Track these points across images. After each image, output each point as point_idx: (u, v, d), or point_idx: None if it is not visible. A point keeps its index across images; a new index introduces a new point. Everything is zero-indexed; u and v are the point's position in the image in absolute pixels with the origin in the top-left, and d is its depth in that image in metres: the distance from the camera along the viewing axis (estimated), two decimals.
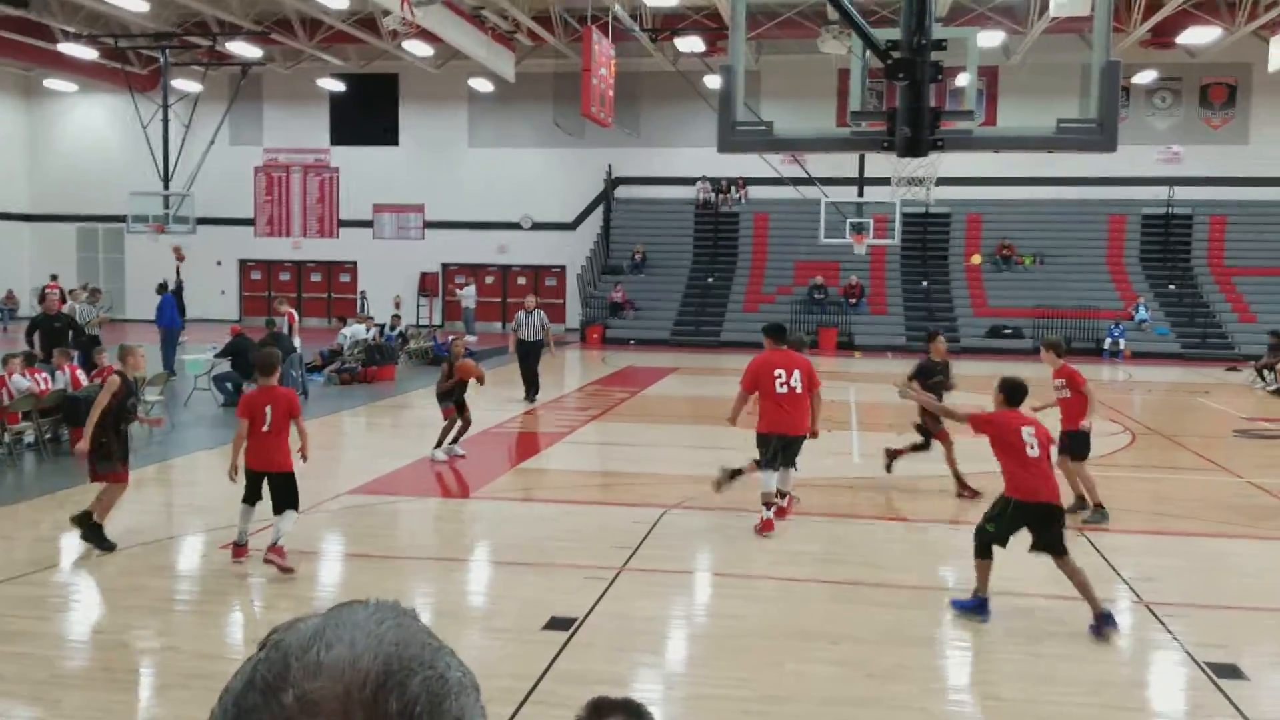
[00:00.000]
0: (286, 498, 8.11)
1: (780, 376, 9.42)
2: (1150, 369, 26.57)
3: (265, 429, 8.04)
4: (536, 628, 6.82)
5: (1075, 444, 9.82)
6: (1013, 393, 7.31)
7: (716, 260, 34.85)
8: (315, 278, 38.24)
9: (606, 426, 16.20)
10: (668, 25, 30.19)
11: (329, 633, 0.87)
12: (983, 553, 7.20)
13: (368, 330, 22.47)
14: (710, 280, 34.04)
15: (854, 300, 32.03)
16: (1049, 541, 6.94)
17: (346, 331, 22.10)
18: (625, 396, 19.61)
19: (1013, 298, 31.51)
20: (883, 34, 6.98)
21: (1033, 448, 7.00)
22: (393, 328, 24.50)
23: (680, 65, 32.20)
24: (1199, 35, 28.66)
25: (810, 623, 7.07)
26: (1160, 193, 33.18)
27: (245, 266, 38.50)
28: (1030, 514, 6.97)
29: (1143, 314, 30.51)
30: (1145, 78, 32.22)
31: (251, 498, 8.20)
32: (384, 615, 0.92)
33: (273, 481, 8.13)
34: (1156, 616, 7.23)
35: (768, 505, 9.35)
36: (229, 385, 17.13)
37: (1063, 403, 9.88)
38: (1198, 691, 6.07)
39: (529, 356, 18.16)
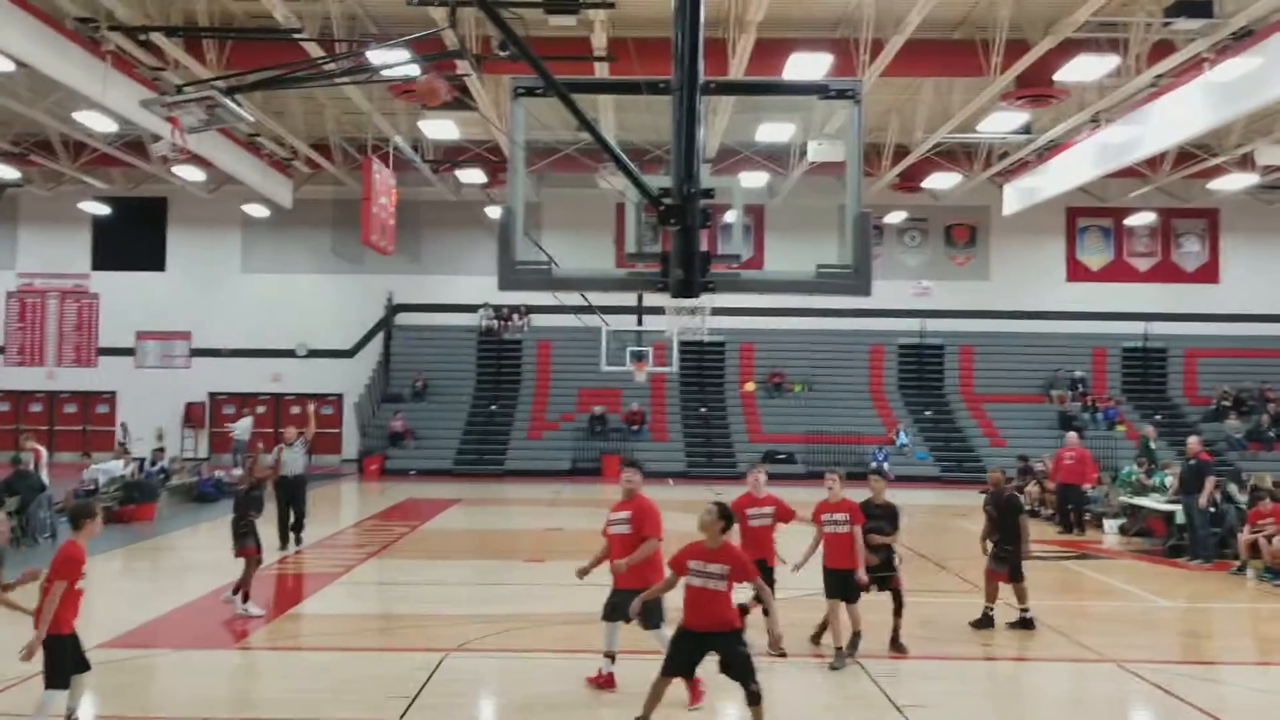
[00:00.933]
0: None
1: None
2: (912, 491, 27.93)
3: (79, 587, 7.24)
4: None
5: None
6: None
7: (500, 387, 34.80)
8: (70, 409, 35.80)
9: (385, 564, 15.64)
10: (449, 157, 30.51)
11: None
12: None
13: (125, 465, 21.10)
14: (493, 408, 33.89)
15: (635, 427, 32.50)
16: None
17: (97, 467, 20.65)
18: (405, 531, 19.06)
19: (785, 423, 32.73)
20: (654, 180, 7.25)
21: None
22: (153, 462, 23.08)
23: (462, 195, 32.54)
24: (941, 180, 31.29)
25: None
26: (914, 324, 35.52)
27: None
28: None
29: (903, 439, 32.23)
30: (896, 218, 34.73)
31: (81, 667, 7.30)
32: None
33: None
34: None
35: None
36: None
37: (834, 539, 9.43)
38: None
39: (294, 497, 16.54)
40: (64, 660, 7.16)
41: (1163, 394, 34.84)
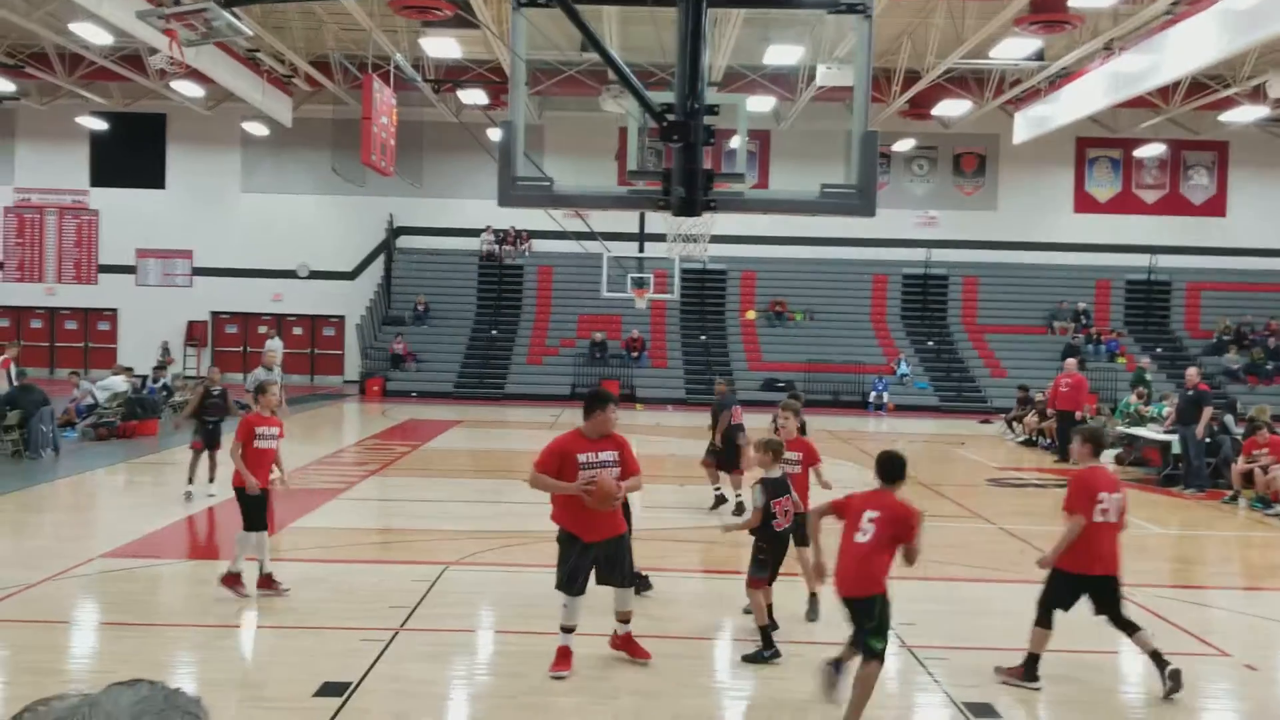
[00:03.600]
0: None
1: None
2: (911, 421, 28.10)
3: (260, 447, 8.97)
4: (308, 695, 6.53)
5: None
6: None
7: (500, 312, 34.78)
8: (70, 325, 35.83)
9: (386, 481, 15.79)
10: (450, 77, 30.15)
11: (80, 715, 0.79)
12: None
13: (126, 381, 21.17)
14: (494, 332, 33.92)
15: (635, 354, 32.55)
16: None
17: (87, 385, 20.66)
18: (406, 450, 19.20)
19: (785, 352, 32.77)
20: (658, 97, 7.18)
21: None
22: (155, 379, 23.16)
23: (463, 117, 32.20)
24: (951, 108, 30.90)
25: (590, 677, 7.04)
26: (919, 254, 35.37)
27: None
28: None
29: (904, 369, 32.29)
30: (904, 146, 34.38)
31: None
32: (146, 709, 0.82)
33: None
34: (919, 660, 7.58)
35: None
36: None
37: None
38: None
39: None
40: (249, 508, 8.87)
41: (1165, 327, 34.82)
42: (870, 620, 6.10)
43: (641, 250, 29.85)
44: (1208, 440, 16.23)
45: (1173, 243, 35.42)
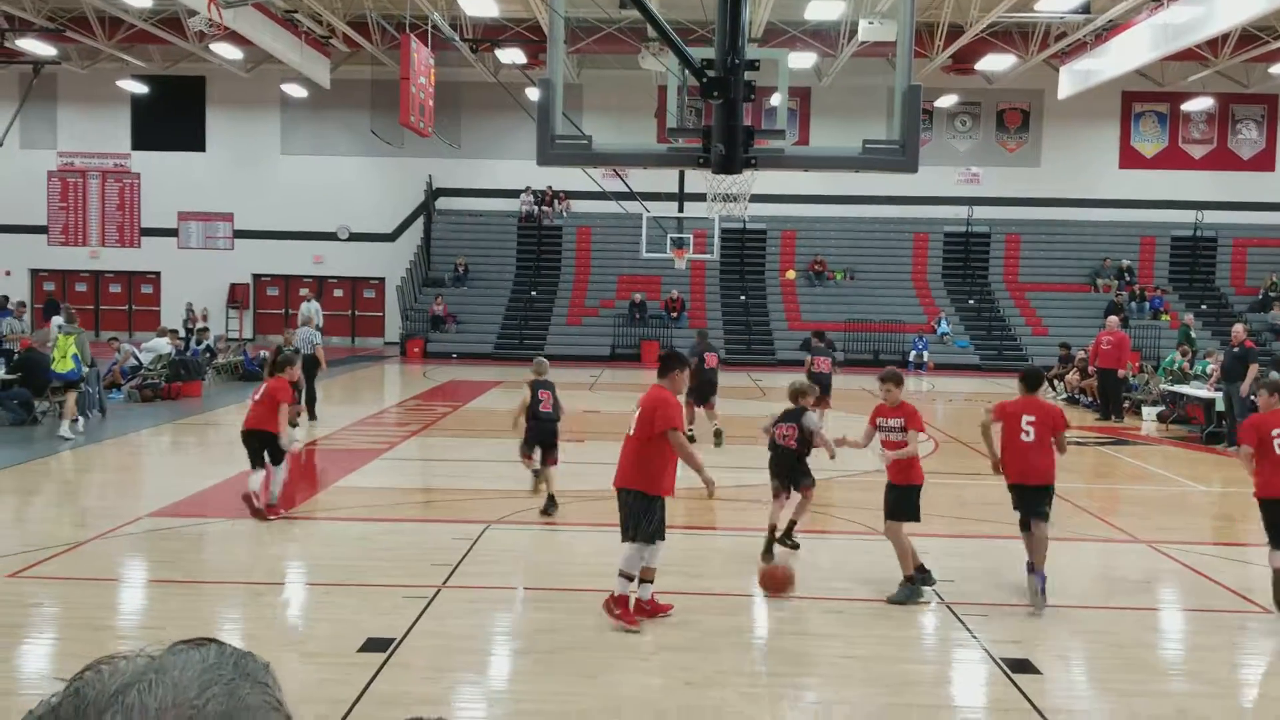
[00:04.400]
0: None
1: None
2: (951, 380, 27.91)
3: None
4: (352, 650, 6.64)
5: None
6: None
7: (540, 273, 34.83)
8: (115, 289, 36.33)
9: (427, 442, 15.94)
10: (488, 36, 30.04)
11: (137, 691, 0.75)
12: None
13: (169, 344, 21.45)
14: (533, 293, 33.98)
15: (675, 314, 32.51)
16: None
17: (129, 347, 20.94)
18: (447, 411, 19.35)
19: (825, 312, 32.59)
20: (699, 53, 7.12)
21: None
22: (199, 341, 23.44)
23: (501, 77, 32.10)
24: (995, 63, 30.42)
25: (630, 634, 7.10)
26: (960, 212, 34.96)
27: (38, 277, 36.27)
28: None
29: (944, 328, 32.03)
30: (947, 102, 33.91)
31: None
32: (214, 678, 0.79)
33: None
34: (957, 616, 7.58)
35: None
36: (16, 404, 16.04)
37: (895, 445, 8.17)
38: (995, 687, 6.38)
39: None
40: (275, 451, 10.56)
41: (1210, 284, 34.26)
42: (1047, 502, 8.00)
43: (681, 210, 29.72)
44: (1253, 397, 15.99)
45: (1220, 198, 34.77)
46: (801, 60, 29.16)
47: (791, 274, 34.58)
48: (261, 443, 10.38)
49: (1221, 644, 7.28)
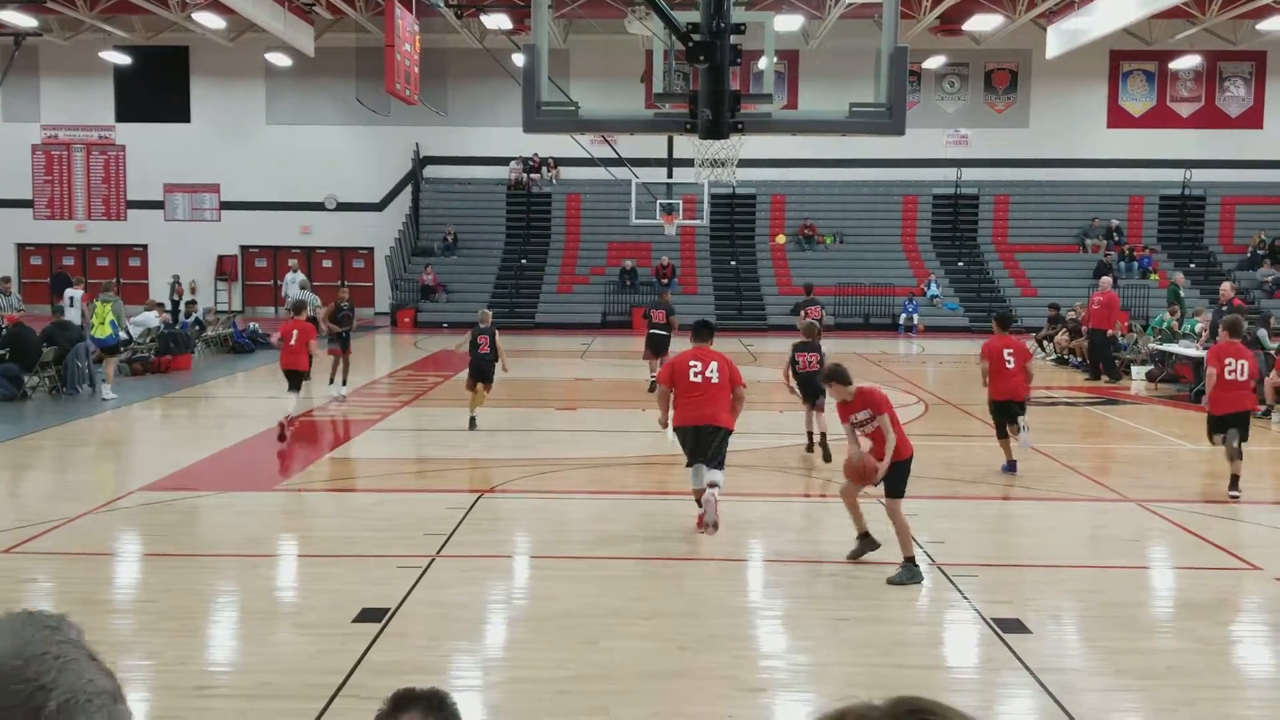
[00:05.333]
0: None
1: (695, 367, 8.77)
2: (941, 342, 27.97)
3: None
4: (347, 621, 6.67)
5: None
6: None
7: (529, 241, 34.72)
8: (102, 262, 36.12)
9: (419, 412, 15.95)
10: (473, 1, 29.78)
11: None
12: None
13: (158, 317, 21.38)
14: (524, 261, 33.90)
15: (666, 280, 32.46)
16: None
17: (132, 320, 20.83)
18: (439, 381, 19.35)
19: (815, 276, 32.40)
20: (684, 17, 7.06)
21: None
22: (188, 314, 23.36)
23: (487, 43, 31.86)
24: (983, 22, 30.29)
25: (623, 600, 7.15)
26: (949, 174, 34.90)
27: (24, 251, 36.05)
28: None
29: (934, 290, 32.06)
30: (934, 63, 33.74)
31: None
32: (3, 626, 0.95)
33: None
34: (948, 577, 7.64)
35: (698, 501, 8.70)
36: (6, 379, 15.99)
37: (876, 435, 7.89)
38: (986, 647, 6.45)
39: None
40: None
41: (1199, 242, 34.29)
42: (1023, 411, 11.27)
43: (670, 176, 29.59)
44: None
45: (1208, 156, 34.72)
46: (788, 23, 28.96)
47: (781, 238, 34.53)
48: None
49: (1210, 601, 7.35)
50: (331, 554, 8.30)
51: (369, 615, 6.73)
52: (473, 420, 13.67)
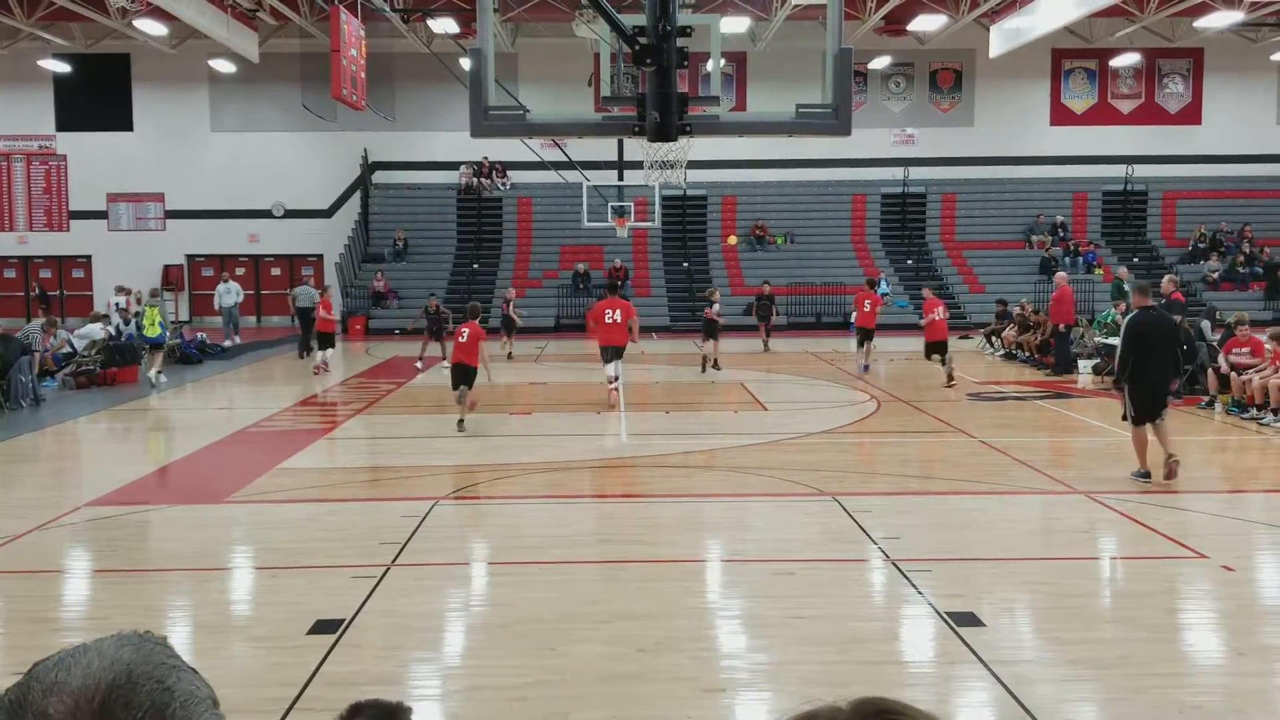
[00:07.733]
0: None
1: (610, 312, 16.01)
2: (892, 340, 28.18)
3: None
4: (301, 633, 6.59)
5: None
6: None
7: (481, 245, 34.57)
8: (45, 274, 35.47)
9: (372, 419, 15.81)
10: (420, 5, 29.63)
11: (71, 658, 0.98)
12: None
13: (103, 329, 21.02)
14: (475, 266, 33.74)
15: (619, 283, 32.38)
16: None
17: (63, 334, 20.45)
18: (391, 388, 19.21)
19: (767, 276, 32.63)
20: (631, 20, 7.07)
21: None
22: (129, 323, 22.96)
23: (435, 47, 31.67)
24: (927, 23, 30.61)
25: (581, 604, 7.14)
26: (896, 173, 35.24)
27: None
28: None
29: (884, 288, 32.31)
30: (880, 63, 34.06)
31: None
32: (126, 640, 1.02)
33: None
34: (903, 573, 7.70)
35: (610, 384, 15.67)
36: None
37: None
38: (941, 641, 6.50)
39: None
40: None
41: (1141, 237, 34.91)
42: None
43: (621, 178, 29.65)
44: (1184, 348, 16.35)
45: (1149, 152, 35.37)
46: (735, 24, 29.09)
47: (733, 239, 34.67)
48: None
49: (1159, 590, 7.48)
50: (284, 565, 8.21)
51: (323, 627, 6.66)
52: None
